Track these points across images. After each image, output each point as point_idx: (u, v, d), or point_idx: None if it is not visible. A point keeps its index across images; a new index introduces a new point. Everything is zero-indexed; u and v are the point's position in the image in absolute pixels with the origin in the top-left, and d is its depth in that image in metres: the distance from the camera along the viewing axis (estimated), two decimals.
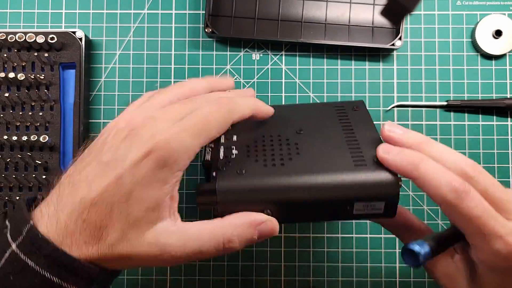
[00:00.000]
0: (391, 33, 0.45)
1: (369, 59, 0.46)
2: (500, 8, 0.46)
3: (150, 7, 0.47)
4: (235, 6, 0.46)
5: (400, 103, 0.45)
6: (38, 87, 0.43)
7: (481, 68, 0.46)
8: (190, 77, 0.46)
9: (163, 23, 0.46)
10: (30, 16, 0.46)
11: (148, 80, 0.46)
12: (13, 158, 0.43)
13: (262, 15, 0.46)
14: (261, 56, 0.46)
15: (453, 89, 0.46)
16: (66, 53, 0.44)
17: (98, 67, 0.46)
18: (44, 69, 0.43)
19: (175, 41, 0.46)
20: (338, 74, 0.46)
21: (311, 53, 0.46)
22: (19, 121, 0.43)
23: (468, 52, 0.46)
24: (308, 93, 0.46)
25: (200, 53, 0.46)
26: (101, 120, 0.45)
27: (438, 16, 0.46)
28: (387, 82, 0.46)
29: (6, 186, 0.42)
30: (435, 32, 0.46)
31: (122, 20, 0.46)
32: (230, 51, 0.46)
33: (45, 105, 0.43)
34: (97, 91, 0.46)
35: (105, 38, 0.46)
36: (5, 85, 0.43)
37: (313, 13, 0.46)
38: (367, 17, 0.46)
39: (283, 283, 0.44)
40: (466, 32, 0.46)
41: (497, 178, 0.44)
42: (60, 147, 0.43)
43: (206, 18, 0.44)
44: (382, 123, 0.35)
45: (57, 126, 0.43)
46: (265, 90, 0.46)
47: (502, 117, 0.45)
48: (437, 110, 0.45)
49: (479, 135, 0.45)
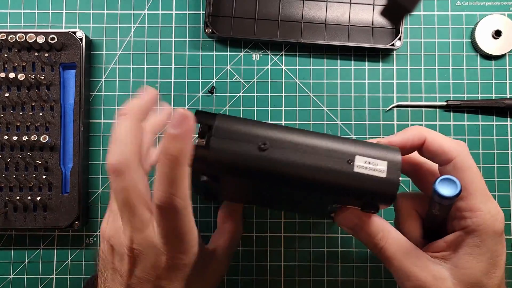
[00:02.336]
0: (391, 33, 0.45)
1: (369, 59, 0.46)
2: (500, 8, 0.46)
3: (150, 8, 0.47)
4: (235, 6, 0.46)
5: (400, 103, 0.45)
6: (39, 87, 0.43)
7: (480, 68, 0.46)
8: (190, 77, 0.46)
9: (163, 23, 0.46)
10: (30, 16, 0.46)
11: (148, 80, 0.46)
12: (13, 158, 0.43)
13: (262, 15, 0.46)
14: (261, 56, 0.46)
15: (452, 89, 0.46)
16: (67, 53, 0.44)
17: (98, 67, 0.46)
18: (45, 69, 0.44)
19: (175, 42, 0.46)
20: (338, 74, 0.46)
21: (311, 53, 0.46)
22: (20, 121, 0.43)
23: (467, 52, 0.46)
24: (308, 93, 0.46)
25: (200, 53, 0.46)
26: (101, 120, 0.46)
27: (438, 16, 0.46)
28: (387, 82, 0.46)
29: (6, 186, 0.42)
30: (434, 32, 0.46)
31: (122, 21, 0.46)
32: (230, 51, 0.46)
33: (45, 105, 0.43)
34: (98, 91, 0.46)
35: (106, 38, 0.46)
36: (6, 85, 0.43)
37: (313, 14, 0.46)
38: (367, 18, 0.46)
39: (283, 283, 0.44)
40: (466, 32, 0.46)
41: (497, 178, 0.45)
42: (60, 147, 0.43)
43: (206, 19, 0.44)
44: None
45: (57, 126, 0.43)
46: (265, 90, 0.46)
47: (502, 117, 0.45)
48: (437, 110, 0.45)
49: (479, 135, 0.45)
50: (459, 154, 0.30)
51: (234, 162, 0.29)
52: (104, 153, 0.45)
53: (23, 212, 0.42)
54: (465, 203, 0.30)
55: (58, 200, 0.42)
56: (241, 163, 0.29)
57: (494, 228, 0.29)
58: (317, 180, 0.29)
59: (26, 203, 0.42)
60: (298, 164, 0.29)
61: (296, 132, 0.30)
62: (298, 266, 0.44)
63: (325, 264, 0.44)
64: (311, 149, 0.29)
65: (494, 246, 0.30)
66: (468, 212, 0.30)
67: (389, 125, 0.45)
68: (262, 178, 0.30)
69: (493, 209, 0.30)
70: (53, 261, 0.44)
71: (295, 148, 0.29)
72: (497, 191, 0.44)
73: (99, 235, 0.45)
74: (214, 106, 0.46)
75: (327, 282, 0.44)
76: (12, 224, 0.42)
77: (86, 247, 0.44)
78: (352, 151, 0.29)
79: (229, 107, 0.46)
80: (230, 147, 0.29)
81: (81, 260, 0.44)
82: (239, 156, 0.29)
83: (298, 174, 0.29)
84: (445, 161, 0.30)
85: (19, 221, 0.42)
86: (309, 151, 0.29)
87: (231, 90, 0.46)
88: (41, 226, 0.42)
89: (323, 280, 0.44)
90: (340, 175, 0.29)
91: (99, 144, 0.45)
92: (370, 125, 0.45)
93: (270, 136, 0.29)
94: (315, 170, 0.29)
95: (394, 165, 0.29)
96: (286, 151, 0.29)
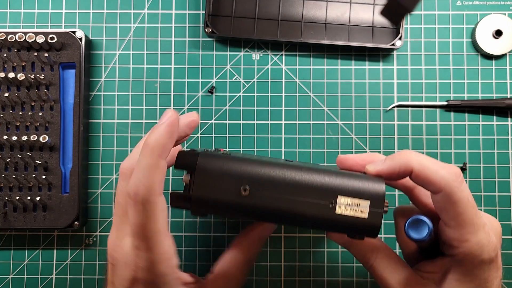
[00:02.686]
0: (391, 33, 0.45)
1: (369, 59, 0.46)
2: (500, 8, 0.46)
3: (150, 7, 0.47)
4: (235, 6, 0.46)
5: (400, 103, 0.45)
6: (38, 87, 0.43)
7: (481, 68, 0.46)
8: (190, 76, 0.46)
9: (163, 23, 0.46)
10: (30, 16, 0.46)
11: (148, 80, 0.46)
12: (13, 158, 0.43)
13: (262, 15, 0.46)
14: (261, 56, 0.46)
15: (453, 89, 0.45)
16: (66, 53, 0.44)
17: (98, 67, 0.46)
18: (44, 69, 0.43)
19: (175, 41, 0.46)
20: (338, 74, 0.46)
21: (311, 53, 0.46)
22: (19, 121, 0.43)
23: (468, 52, 0.46)
24: (308, 93, 0.46)
25: (200, 53, 0.46)
26: (101, 120, 0.45)
27: (438, 16, 0.46)
28: (387, 82, 0.46)
29: (6, 186, 0.42)
30: (435, 32, 0.46)
31: (122, 20, 0.46)
32: (230, 51, 0.46)
33: (45, 105, 0.43)
34: (97, 91, 0.46)
35: (105, 38, 0.46)
36: (5, 85, 0.43)
37: (313, 13, 0.46)
38: (367, 17, 0.46)
39: (283, 283, 0.44)
40: (466, 32, 0.46)
41: (497, 178, 0.44)
42: (60, 147, 0.43)
43: (206, 18, 0.44)
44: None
45: (57, 126, 0.43)
46: (265, 90, 0.46)
47: (502, 117, 0.45)
48: (437, 110, 0.45)
49: (479, 135, 0.45)
50: (447, 185, 0.28)
51: (217, 207, 0.30)
52: (104, 153, 0.45)
53: (23, 212, 0.42)
54: (453, 232, 0.29)
55: (58, 200, 0.42)
56: (223, 208, 0.30)
57: (482, 257, 0.29)
58: (300, 221, 0.30)
59: (25, 203, 0.42)
60: (280, 209, 0.30)
61: (278, 170, 0.30)
62: (298, 266, 0.44)
63: (325, 264, 0.44)
64: (292, 190, 0.30)
65: (482, 274, 0.29)
66: (456, 241, 0.29)
67: (389, 125, 0.45)
68: (245, 218, 0.32)
69: (483, 239, 0.29)
70: (52, 261, 0.44)
71: (277, 191, 0.30)
72: (497, 191, 0.44)
73: (99, 235, 0.45)
74: (214, 106, 0.46)
75: (327, 282, 0.44)
76: (11, 224, 0.42)
77: (86, 247, 0.44)
78: (335, 188, 0.29)
79: (229, 107, 0.45)
80: (212, 194, 0.30)
81: (81, 260, 0.44)
82: (221, 202, 0.30)
83: (280, 217, 0.30)
84: (434, 191, 0.29)
85: (18, 221, 0.42)
86: (290, 192, 0.30)
87: (231, 90, 0.46)
88: (40, 226, 0.42)
89: (323, 280, 0.44)
90: (322, 219, 0.30)
91: (98, 144, 0.45)
92: (370, 125, 0.45)
93: (253, 177, 0.30)
94: (297, 214, 0.30)
95: (377, 203, 0.29)
96: (267, 195, 0.30)
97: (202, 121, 0.45)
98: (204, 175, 0.30)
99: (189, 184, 0.30)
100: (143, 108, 0.45)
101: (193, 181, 0.30)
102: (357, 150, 0.45)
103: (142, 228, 0.28)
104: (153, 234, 0.29)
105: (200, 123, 0.45)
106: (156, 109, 0.45)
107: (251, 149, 0.45)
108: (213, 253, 0.44)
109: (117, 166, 0.45)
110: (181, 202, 0.31)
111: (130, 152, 0.45)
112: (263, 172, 0.30)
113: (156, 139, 0.28)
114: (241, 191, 0.30)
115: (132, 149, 0.45)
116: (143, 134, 0.45)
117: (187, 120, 0.32)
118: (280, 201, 0.30)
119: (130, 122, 0.45)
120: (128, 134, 0.45)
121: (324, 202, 0.29)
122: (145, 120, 0.45)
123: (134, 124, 0.45)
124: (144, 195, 0.28)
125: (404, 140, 0.45)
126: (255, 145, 0.45)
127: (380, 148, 0.45)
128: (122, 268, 0.30)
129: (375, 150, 0.45)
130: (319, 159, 0.45)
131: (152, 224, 0.28)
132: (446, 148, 0.44)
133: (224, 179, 0.30)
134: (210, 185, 0.30)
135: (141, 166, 0.28)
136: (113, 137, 0.45)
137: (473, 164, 0.45)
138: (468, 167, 0.45)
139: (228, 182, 0.30)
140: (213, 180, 0.30)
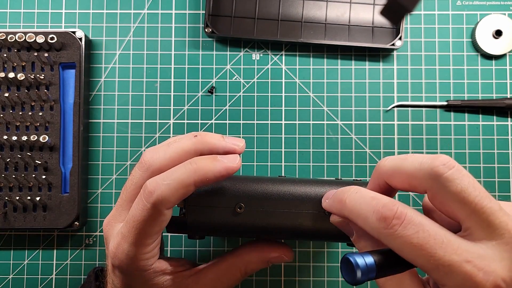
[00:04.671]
0: (391, 33, 0.45)
1: (369, 59, 0.46)
2: (500, 8, 0.46)
3: (150, 7, 0.47)
4: (235, 6, 0.46)
5: (400, 103, 0.45)
6: (38, 87, 0.43)
7: (481, 68, 0.46)
8: (190, 76, 0.46)
9: (163, 23, 0.46)
10: (30, 16, 0.46)
11: (148, 80, 0.46)
12: (13, 158, 0.43)
13: (262, 15, 0.46)
14: (261, 56, 0.46)
15: (453, 89, 0.45)
16: (66, 53, 0.44)
17: (98, 67, 0.46)
18: (44, 69, 0.43)
19: (175, 41, 0.46)
20: (338, 74, 0.46)
21: (311, 53, 0.46)
22: (19, 121, 0.43)
23: (468, 52, 0.46)
24: (308, 93, 0.46)
25: (200, 53, 0.46)
26: (101, 120, 0.45)
27: (438, 16, 0.46)
28: (387, 82, 0.46)
29: (6, 186, 0.42)
30: (435, 32, 0.46)
31: (122, 20, 0.46)
32: (230, 51, 0.46)
33: (45, 105, 0.43)
34: (97, 91, 0.46)
35: (105, 38, 0.46)
36: (5, 85, 0.43)
37: (313, 13, 0.46)
38: (367, 17, 0.46)
39: (283, 283, 0.44)
40: (466, 32, 0.46)
41: (497, 179, 0.44)
42: (60, 147, 0.43)
43: (206, 18, 0.44)
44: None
45: (57, 126, 0.43)
46: (265, 90, 0.46)
47: (502, 117, 0.45)
48: (437, 110, 0.45)
49: (479, 135, 0.45)
50: (378, 235, 0.23)
51: (213, 229, 0.31)
52: (103, 153, 0.45)
53: (23, 212, 0.42)
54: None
55: (58, 200, 0.42)
56: (220, 229, 0.31)
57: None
58: (297, 233, 0.31)
59: (25, 203, 0.42)
60: (275, 223, 0.30)
61: (270, 184, 0.31)
62: (298, 266, 0.44)
63: (325, 265, 0.44)
64: (286, 203, 0.30)
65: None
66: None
67: (389, 125, 0.45)
68: (243, 236, 0.32)
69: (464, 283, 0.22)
70: (52, 261, 0.44)
71: (271, 205, 0.30)
72: (497, 191, 0.44)
73: (99, 235, 0.45)
74: (214, 106, 0.46)
75: (327, 282, 0.44)
76: (11, 224, 0.42)
77: (86, 247, 0.44)
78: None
79: (229, 107, 0.45)
80: (207, 217, 0.30)
81: (81, 260, 0.44)
82: (217, 224, 0.30)
83: (276, 231, 0.31)
84: (422, 193, 0.25)
85: (18, 221, 0.42)
86: (284, 205, 0.30)
87: (231, 90, 0.46)
88: (40, 226, 0.42)
89: (323, 281, 0.44)
90: (319, 229, 0.30)
91: (98, 144, 0.45)
92: (370, 125, 0.45)
93: (246, 194, 0.30)
94: (293, 226, 0.30)
95: None
96: (262, 211, 0.30)
97: (202, 121, 0.45)
98: (198, 199, 0.30)
99: (184, 209, 0.31)
100: (143, 108, 0.45)
101: (187, 207, 0.31)
102: (357, 150, 0.45)
103: (137, 223, 0.28)
104: (144, 235, 0.29)
105: (200, 123, 0.45)
106: (156, 109, 0.45)
107: (251, 149, 0.45)
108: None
109: (117, 166, 0.45)
110: (176, 228, 0.31)
111: (130, 152, 0.45)
112: (256, 188, 0.30)
113: (208, 170, 0.28)
114: (236, 210, 0.30)
115: (131, 149, 0.45)
116: (143, 134, 0.45)
117: (232, 169, 0.29)
118: (275, 215, 0.30)
119: (130, 122, 0.45)
120: (128, 134, 0.45)
121: (318, 211, 0.30)
122: (145, 120, 0.45)
123: (134, 124, 0.45)
124: (157, 200, 0.28)
125: (404, 140, 0.45)
126: (255, 145, 0.45)
127: (380, 148, 0.45)
128: (108, 246, 0.31)
129: (375, 150, 0.45)
130: (319, 159, 0.45)
131: (147, 227, 0.28)
132: (446, 148, 0.44)
133: (217, 200, 0.30)
134: (205, 208, 0.30)
135: (174, 177, 0.28)
136: (113, 137, 0.45)
137: (473, 164, 0.45)
138: (468, 167, 0.45)
139: (222, 203, 0.30)
140: (207, 202, 0.30)
